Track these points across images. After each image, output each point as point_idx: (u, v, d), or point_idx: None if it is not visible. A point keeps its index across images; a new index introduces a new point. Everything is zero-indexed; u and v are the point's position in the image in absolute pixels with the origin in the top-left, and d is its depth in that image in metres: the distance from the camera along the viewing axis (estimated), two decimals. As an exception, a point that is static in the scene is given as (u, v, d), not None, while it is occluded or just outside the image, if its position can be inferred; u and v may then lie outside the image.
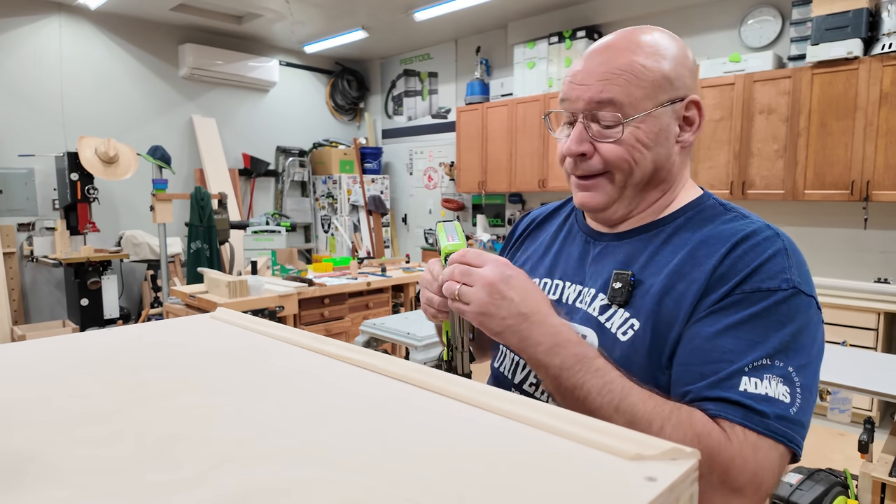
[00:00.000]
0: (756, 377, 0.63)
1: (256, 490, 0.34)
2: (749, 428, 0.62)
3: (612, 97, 0.75)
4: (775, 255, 0.70)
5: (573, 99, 0.79)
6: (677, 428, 0.62)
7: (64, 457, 0.39)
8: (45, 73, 4.83)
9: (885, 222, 3.65)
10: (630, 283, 0.76)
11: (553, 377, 0.67)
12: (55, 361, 0.61)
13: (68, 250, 4.49)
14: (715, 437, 0.61)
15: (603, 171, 0.79)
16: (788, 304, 0.67)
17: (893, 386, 1.76)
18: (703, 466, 0.56)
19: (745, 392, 0.62)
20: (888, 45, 3.30)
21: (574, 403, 0.65)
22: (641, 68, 0.75)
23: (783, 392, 0.63)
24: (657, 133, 0.77)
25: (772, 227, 0.74)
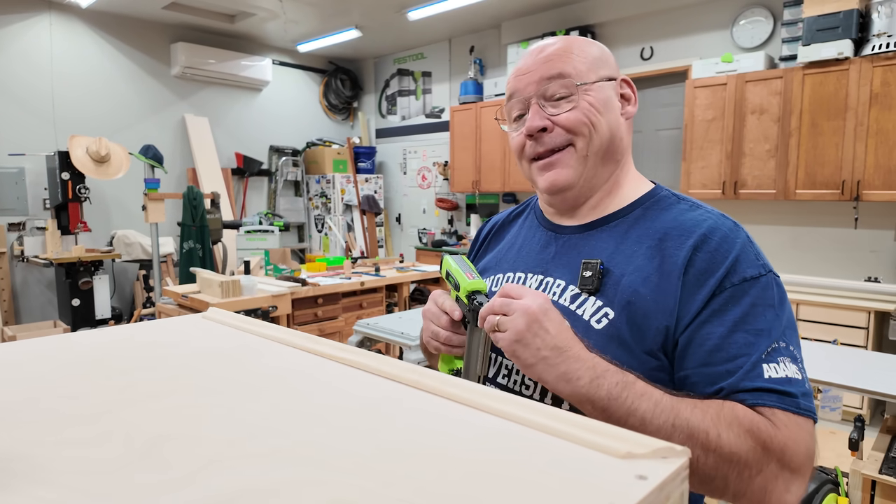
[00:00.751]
0: (773, 362, 0.68)
1: (246, 491, 0.34)
2: (788, 410, 0.66)
3: (561, 70, 0.81)
4: (744, 244, 0.75)
5: (522, 88, 0.83)
6: (731, 429, 0.64)
7: (52, 457, 0.39)
8: (35, 71, 4.79)
9: (876, 222, 3.68)
10: (600, 271, 0.78)
11: (601, 409, 0.66)
12: (45, 362, 0.61)
13: (59, 250, 4.45)
14: (763, 428, 0.64)
15: (564, 144, 0.82)
16: (771, 288, 0.72)
17: (883, 384, 1.78)
18: (760, 459, 0.63)
19: (771, 378, 0.67)
20: (878, 46, 3.33)
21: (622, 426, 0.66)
22: (579, 49, 0.83)
23: (795, 371, 0.68)
24: (605, 102, 0.83)
25: (727, 217, 0.79)
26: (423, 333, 0.86)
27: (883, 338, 3.42)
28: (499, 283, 0.92)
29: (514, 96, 0.85)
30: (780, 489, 0.63)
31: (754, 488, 0.63)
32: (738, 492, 0.63)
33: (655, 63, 4.58)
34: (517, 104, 0.85)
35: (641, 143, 4.80)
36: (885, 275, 3.67)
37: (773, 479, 0.63)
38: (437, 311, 0.83)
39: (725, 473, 0.63)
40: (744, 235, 0.76)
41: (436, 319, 0.82)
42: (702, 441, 0.63)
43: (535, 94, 0.82)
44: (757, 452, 0.63)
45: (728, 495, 0.64)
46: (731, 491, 0.64)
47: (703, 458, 0.63)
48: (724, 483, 0.63)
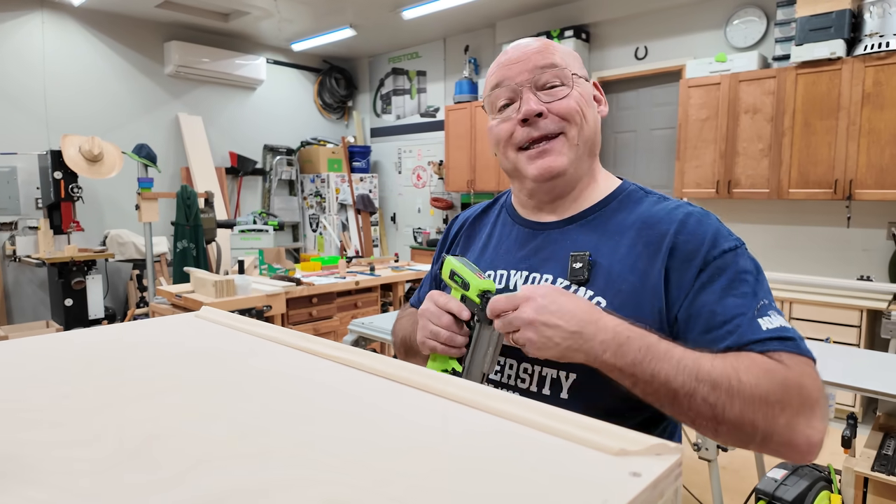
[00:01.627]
0: (765, 316, 0.73)
1: (237, 490, 0.34)
2: (792, 352, 0.70)
3: (554, 61, 0.84)
4: (716, 223, 0.81)
5: (513, 76, 0.84)
6: (749, 372, 0.66)
7: (42, 457, 0.38)
8: (27, 69, 4.75)
9: (868, 221, 3.71)
10: (589, 262, 0.81)
11: (629, 375, 0.68)
12: (36, 361, 0.60)
13: (52, 250, 4.42)
14: (778, 369, 0.68)
15: (557, 131, 0.83)
16: (747, 257, 0.78)
17: (876, 382, 1.79)
18: (782, 397, 0.66)
19: (768, 329, 0.71)
20: (870, 46, 3.34)
21: (656, 391, 0.68)
22: (562, 48, 0.87)
23: (783, 321, 0.74)
24: (589, 98, 0.87)
25: (692, 204, 0.85)
26: (420, 333, 0.85)
27: (875, 336, 3.45)
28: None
29: (503, 84, 0.85)
30: (803, 425, 0.65)
31: (780, 427, 0.65)
32: (766, 434, 0.65)
33: (649, 63, 4.59)
34: (505, 92, 0.85)
35: (636, 143, 4.81)
36: (878, 273, 3.69)
37: (796, 415, 0.65)
38: (438, 311, 0.82)
39: (752, 417, 0.65)
40: (714, 217, 0.82)
41: (436, 319, 0.82)
42: (725, 388, 0.65)
43: (528, 82, 0.83)
44: (778, 391, 0.65)
45: (757, 441, 0.66)
46: (760, 434, 0.65)
47: (729, 406, 0.65)
48: (753, 427, 0.65)
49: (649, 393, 0.68)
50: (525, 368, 0.83)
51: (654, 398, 0.68)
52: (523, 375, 0.83)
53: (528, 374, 0.82)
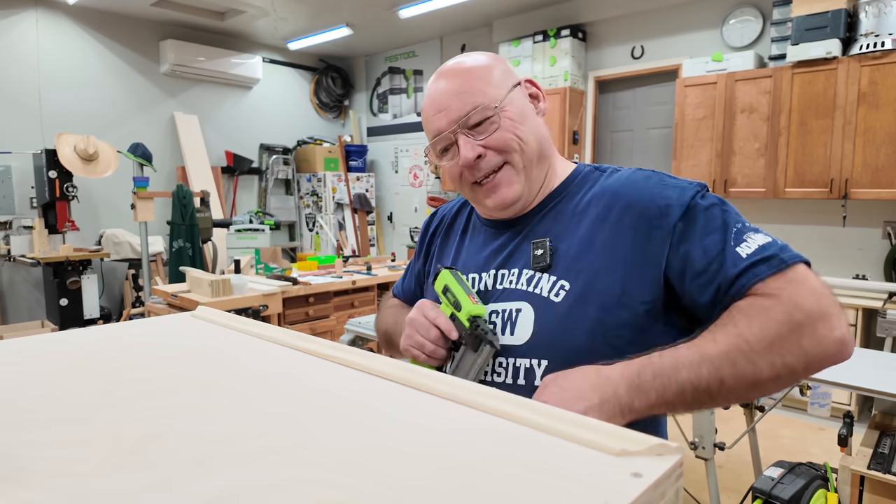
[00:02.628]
0: (742, 242, 0.74)
1: (233, 491, 0.33)
2: (776, 272, 0.70)
3: (475, 102, 0.84)
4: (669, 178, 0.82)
5: (444, 126, 0.86)
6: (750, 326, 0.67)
7: (35, 458, 0.38)
8: (21, 68, 4.73)
9: (863, 220, 3.72)
10: (549, 248, 0.83)
11: (665, 405, 0.68)
12: (30, 361, 0.60)
13: (47, 249, 4.40)
14: (771, 305, 0.68)
15: (500, 164, 0.85)
16: (706, 196, 0.80)
17: (872, 381, 1.79)
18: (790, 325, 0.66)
19: (748, 255, 0.72)
20: (866, 46, 3.35)
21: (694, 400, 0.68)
22: (480, 74, 0.86)
23: (761, 238, 0.74)
24: (522, 112, 0.87)
25: (642, 169, 0.87)
26: (404, 340, 0.88)
27: (871, 335, 3.46)
28: None
29: (437, 135, 0.87)
30: (824, 333, 0.66)
31: (809, 348, 0.66)
32: (805, 363, 0.66)
33: (646, 62, 4.60)
34: (442, 142, 0.87)
35: (632, 142, 4.82)
36: (873, 272, 3.70)
37: (813, 329, 0.66)
38: (427, 323, 0.85)
39: (782, 361, 0.66)
40: (666, 174, 0.83)
41: (424, 332, 0.84)
42: (742, 355, 0.66)
43: (458, 129, 0.85)
44: (784, 324, 0.66)
45: (800, 373, 0.67)
46: (801, 367, 0.66)
47: (756, 367, 0.66)
48: (789, 368, 0.66)
49: (691, 404, 0.68)
50: (500, 363, 0.84)
51: (698, 405, 0.69)
52: (499, 370, 0.84)
53: (504, 367, 0.83)
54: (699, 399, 0.67)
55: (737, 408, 2.48)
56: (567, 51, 4.72)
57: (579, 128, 4.89)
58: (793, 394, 2.76)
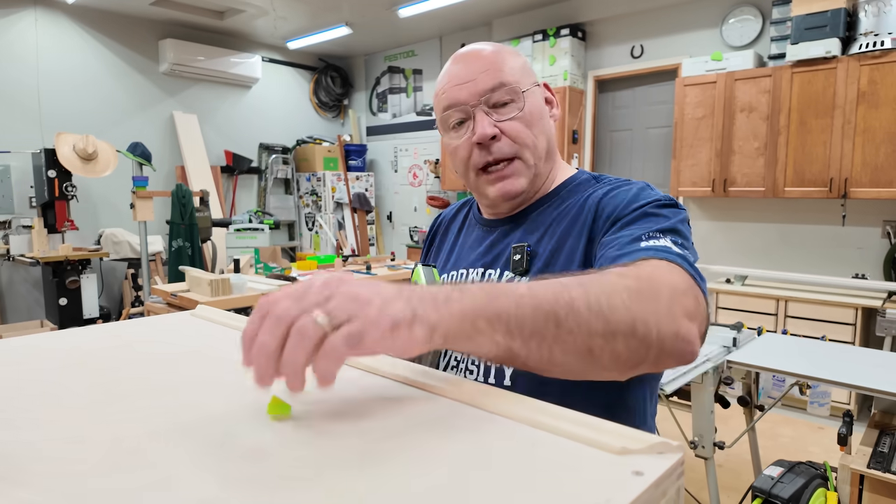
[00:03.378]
0: (653, 239, 0.68)
1: (232, 490, 0.33)
2: (658, 258, 0.64)
3: (502, 79, 0.82)
4: (644, 187, 0.81)
5: (465, 98, 0.83)
6: (602, 277, 0.57)
7: (33, 458, 0.38)
8: (20, 67, 4.72)
9: (863, 219, 3.72)
10: (527, 253, 0.84)
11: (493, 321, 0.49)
12: (28, 360, 0.60)
13: (46, 249, 4.40)
14: (628, 269, 0.60)
15: (511, 155, 0.84)
16: (663, 207, 0.76)
17: (871, 379, 1.79)
18: (642, 289, 0.55)
19: (647, 246, 0.67)
20: (865, 45, 3.35)
21: (536, 327, 0.50)
22: (509, 59, 0.85)
23: (669, 243, 0.68)
24: (540, 109, 0.87)
25: (630, 180, 0.85)
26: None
27: (870, 334, 3.46)
28: (446, 281, 0.96)
29: (454, 106, 0.84)
30: (681, 316, 0.57)
31: (668, 320, 0.55)
32: (658, 331, 0.54)
33: (645, 61, 4.60)
34: (458, 114, 0.84)
35: (631, 142, 4.82)
36: (872, 271, 3.70)
37: (672, 303, 0.57)
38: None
39: (638, 311, 0.53)
40: (643, 184, 0.82)
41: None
42: (596, 286, 0.54)
43: (480, 103, 0.83)
44: (651, 286, 0.57)
45: (652, 340, 0.54)
46: (654, 331, 0.54)
47: (613, 306, 0.53)
48: (645, 326, 0.54)
49: (528, 334, 0.49)
50: (473, 360, 0.84)
51: (538, 342, 0.50)
52: (472, 367, 0.85)
53: (476, 365, 0.84)
54: (544, 333, 0.50)
55: (737, 407, 2.48)
56: (566, 50, 4.72)
57: (579, 127, 4.89)
58: (792, 393, 2.76)
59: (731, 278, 3.99)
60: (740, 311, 3.74)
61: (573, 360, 0.53)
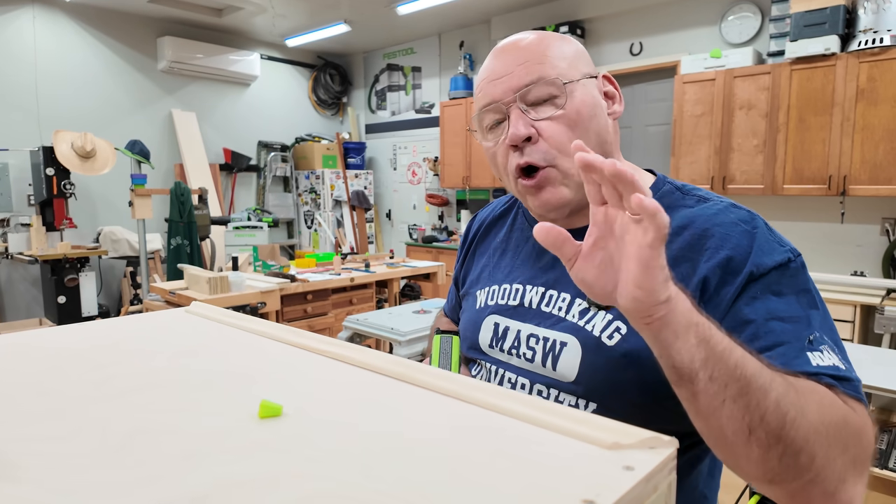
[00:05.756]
0: (816, 351, 0.61)
1: (222, 486, 0.33)
2: (850, 394, 0.58)
3: (541, 74, 0.72)
4: (764, 230, 0.70)
5: (499, 95, 0.74)
6: (812, 394, 0.54)
7: (22, 453, 0.38)
8: (18, 65, 4.71)
9: (862, 216, 3.72)
10: None
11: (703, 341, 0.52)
12: (20, 356, 0.60)
13: (44, 247, 4.39)
14: (840, 405, 0.56)
15: (548, 162, 0.73)
16: (801, 274, 0.67)
17: (869, 377, 1.79)
18: (844, 438, 0.53)
19: (819, 366, 0.59)
20: (864, 42, 3.35)
21: (727, 377, 0.52)
22: (554, 46, 0.75)
23: (838, 360, 0.61)
24: (593, 104, 0.75)
25: (739, 207, 0.74)
26: None
27: (869, 331, 3.46)
28: (494, 297, 0.86)
29: (488, 105, 0.76)
30: (851, 481, 0.54)
31: (834, 473, 0.53)
32: (818, 474, 0.52)
33: (644, 58, 4.59)
34: (491, 113, 0.76)
35: (630, 139, 4.81)
36: (871, 269, 3.70)
37: (852, 465, 0.54)
38: None
39: (814, 447, 0.52)
40: (761, 222, 0.71)
41: None
42: (794, 399, 0.52)
43: (515, 100, 0.73)
44: (841, 429, 0.54)
45: (806, 478, 0.52)
46: (814, 471, 0.52)
47: (798, 420, 0.51)
48: (810, 459, 0.52)
49: (717, 377, 0.51)
50: (540, 390, 0.77)
51: (719, 387, 0.51)
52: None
53: (544, 397, 0.76)
54: (727, 385, 0.51)
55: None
56: (565, 47, 4.71)
57: (578, 125, 4.88)
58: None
59: (730, 276, 3.99)
60: (739, 308, 3.74)
61: (729, 429, 0.52)
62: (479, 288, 0.91)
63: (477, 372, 0.89)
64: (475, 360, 0.89)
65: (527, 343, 0.79)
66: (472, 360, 0.90)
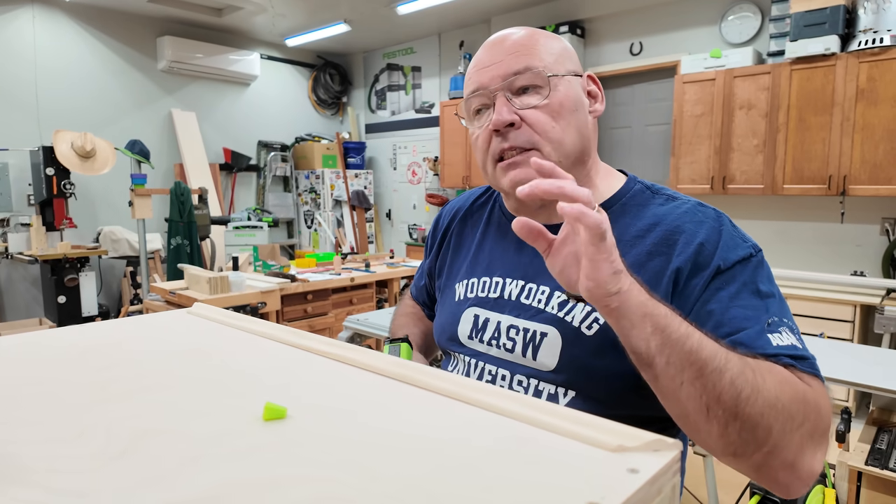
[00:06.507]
0: (775, 332, 0.66)
1: (226, 488, 0.33)
2: (808, 373, 0.63)
3: (528, 64, 0.76)
4: (728, 227, 0.75)
5: (486, 81, 0.78)
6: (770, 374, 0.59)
7: (30, 455, 0.38)
8: (18, 65, 4.71)
9: (861, 216, 3.72)
10: None
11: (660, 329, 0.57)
12: (24, 358, 0.60)
13: (44, 247, 4.39)
14: (798, 382, 0.61)
15: (530, 146, 0.76)
16: (759, 266, 0.72)
17: (869, 377, 1.79)
18: (801, 412, 0.58)
19: (780, 346, 0.65)
20: (864, 42, 3.35)
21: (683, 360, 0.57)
22: (543, 41, 0.79)
23: (795, 340, 0.67)
24: (576, 99, 0.79)
25: (705, 205, 0.78)
26: None
27: (868, 331, 3.46)
28: (474, 289, 0.88)
29: (476, 91, 0.79)
30: (810, 451, 0.59)
31: (793, 444, 0.58)
32: (776, 446, 0.57)
33: (644, 58, 4.59)
34: (479, 98, 0.79)
35: (630, 139, 4.81)
36: (871, 269, 3.71)
37: (810, 437, 0.59)
38: None
39: (770, 421, 0.56)
40: (726, 219, 0.76)
41: None
42: (750, 378, 0.57)
43: (501, 88, 0.76)
44: (798, 405, 0.59)
45: (763, 451, 0.57)
46: (771, 444, 0.57)
47: (753, 398, 0.56)
48: (767, 432, 0.56)
49: (673, 362, 0.56)
50: (520, 380, 0.79)
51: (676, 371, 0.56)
52: (517, 388, 0.80)
53: (523, 386, 0.79)
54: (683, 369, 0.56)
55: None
56: (565, 47, 4.71)
57: (578, 124, 4.88)
58: (791, 390, 2.79)
59: (730, 275, 3.99)
60: (739, 308, 3.74)
61: (690, 408, 0.58)
62: (458, 281, 0.92)
63: (453, 367, 0.90)
64: (452, 353, 0.91)
65: (507, 334, 0.81)
66: (449, 355, 0.92)
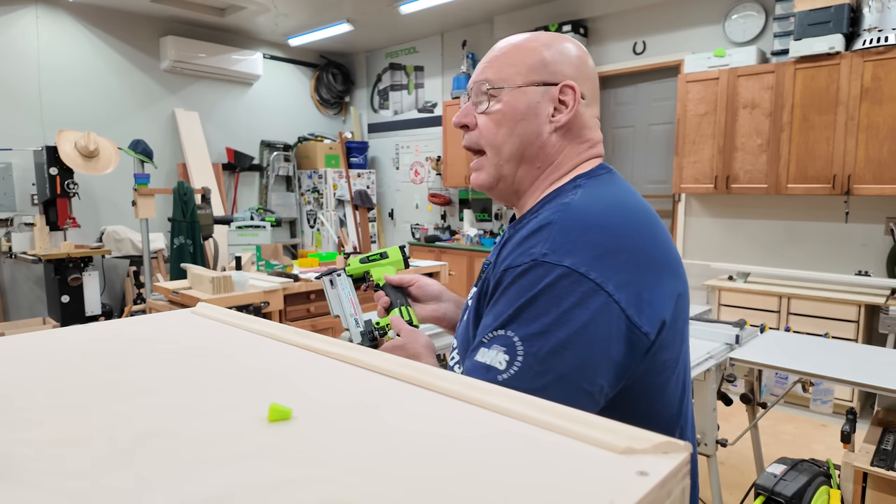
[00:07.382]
0: (487, 347, 0.69)
1: (231, 490, 0.33)
2: None
3: (487, 76, 0.85)
4: (533, 233, 0.73)
5: (469, 83, 0.90)
6: None
7: (32, 457, 0.37)
8: (21, 65, 4.72)
9: (866, 215, 3.71)
10: (483, 270, 0.87)
11: None
12: (28, 358, 0.59)
13: (48, 246, 4.40)
14: None
15: (478, 149, 0.87)
16: (526, 277, 0.69)
17: (874, 377, 1.78)
18: None
19: (475, 361, 0.69)
20: (869, 41, 3.34)
21: None
22: (519, 52, 0.84)
23: (502, 360, 0.67)
24: (525, 109, 0.83)
25: (564, 208, 0.74)
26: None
27: (873, 331, 3.45)
28: None
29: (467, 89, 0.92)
30: None
31: None
32: None
33: (648, 57, 4.58)
34: (464, 96, 0.92)
35: (634, 138, 4.81)
36: (876, 268, 3.69)
37: None
38: None
39: None
40: (544, 223, 0.73)
41: None
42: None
43: (469, 92, 0.88)
44: None
45: None
46: None
47: None
48: None
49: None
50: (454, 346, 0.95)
51: None
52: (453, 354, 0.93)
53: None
54: None
55: (739, 404, 2.47)
56: (568, 46, 4.70)
57: (581, 124, 4.87)
58: (795, 390, 2.76)
59: (734, 275, 3.98)
60: (743, 308, 3.73)
61: None
62: None
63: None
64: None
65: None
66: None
